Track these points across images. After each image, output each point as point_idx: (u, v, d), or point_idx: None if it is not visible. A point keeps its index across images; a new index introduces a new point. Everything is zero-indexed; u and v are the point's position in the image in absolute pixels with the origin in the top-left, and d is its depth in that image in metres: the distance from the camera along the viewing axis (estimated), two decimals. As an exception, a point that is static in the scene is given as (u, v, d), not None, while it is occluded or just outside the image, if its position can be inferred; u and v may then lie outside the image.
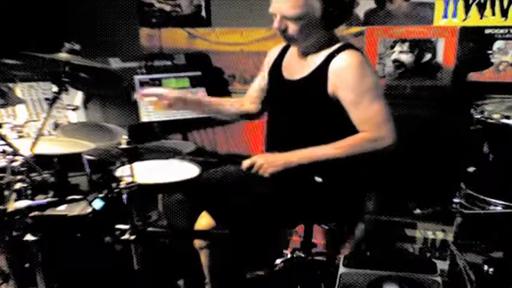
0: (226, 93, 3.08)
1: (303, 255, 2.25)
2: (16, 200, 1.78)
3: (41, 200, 1.88)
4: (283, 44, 2.13)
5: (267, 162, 1.93)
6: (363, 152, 1.90)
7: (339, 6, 1.90)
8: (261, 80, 2.26)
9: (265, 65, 2.24)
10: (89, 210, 1.73)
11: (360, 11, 2.68)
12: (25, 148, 1.96)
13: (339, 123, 1.94)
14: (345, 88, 1.91)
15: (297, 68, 2.05)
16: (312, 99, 1.98)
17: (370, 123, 1.90)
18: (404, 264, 2.00)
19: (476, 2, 2.46)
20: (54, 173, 2.24)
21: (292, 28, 1.90)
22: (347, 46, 1.97)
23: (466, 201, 2.08)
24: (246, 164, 1.96)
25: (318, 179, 2.00)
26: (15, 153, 1.89)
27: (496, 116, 2.01)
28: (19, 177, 1.87)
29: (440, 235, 2.72)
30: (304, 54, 2.03)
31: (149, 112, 2.82)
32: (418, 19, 2.58)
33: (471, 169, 2.14)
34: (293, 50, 2.10)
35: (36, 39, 2.57)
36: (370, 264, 2.00)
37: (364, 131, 1.91)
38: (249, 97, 2.31)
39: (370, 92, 1.91)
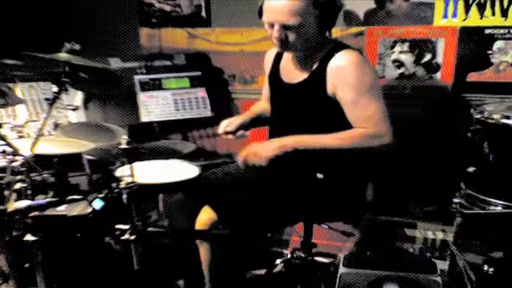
0: (226, 93, 3.08)
1: (303, 255, 2.25)
2: (16, 200, 1.78)
3: (41, 200, 1.88)
4: (276, 48, 2.13)
5: (260, 148, 1.92)
6: (360, 146, 1.89)
7: (332, 11, 1.92)
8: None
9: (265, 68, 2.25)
10: (89, 210, 1.73)
11: (360, 11, 2.68)
12: (25, 148, 1.96)
13: (340, 123, 1.94)
14: (344, 87, 1.91)
15: (295, 71, 2.06)
16: (313, 101, 1.99)
17: (370, 121, 1.90)
18: (404, 264, 2.00)
19: (476, 2, 2.46)
20: (54, 173, 2.23)
21: (292, 36, 1.90)
22: (342, 46, 1.98)
23: (466, 201, 2.08)
24: (241, 156, 1.95)
25: (320, 176, 2.00)
26: (15, 153, 1.89)
27: (496, 116, 2.02)
28: (19, 177, 1.87)
29: (440, 235, 2.72)
30: (300, 58, 2.04)
31: (149, 112, 2.82)
32: (418, 19, 2.58)
33: (471, 169, 2.14)
34: (288, 54, 2.10)
35: (36, 39, 2.57)
36: (370, 264, 2.00)
37: (362, 127, 1.91)
38: (265, 97, 2.32)
39: (370, 90, 1.91)
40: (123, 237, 1.70)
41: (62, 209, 1.86)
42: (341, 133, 1.91)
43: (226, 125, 2.20)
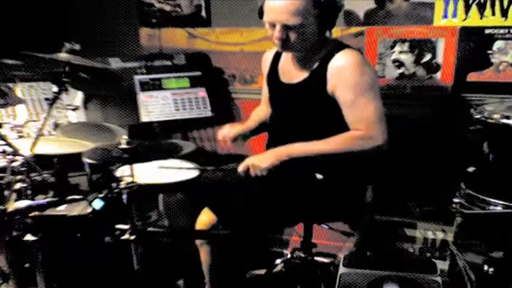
0: (227, 93, 3.08)
1: (303, 255, 2.25)
2: (16, 200, 1.79)
3: (41, 200, 1.88)
4: (274, 49, 2.13)
5: (258, 160, 1.94)
6: (352, 149, 1.91)
7: (332, 10, 1.92)
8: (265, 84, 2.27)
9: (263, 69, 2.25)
10: (89, 210, 1.73)
11: (360, 11, 2.68)
12: (25, 148, 1.97)
13: (340, 123, 1.95)
14: (344, 87, 1.91)
15: (295, 72, 2.06)
16: (313, 100, 1.99)
17: (364, 122, 1.90)
18: (404, 264, 2.00)
19: (476, 2, 2.46)
20: (54, 173, 2.24)
21: (293, 36, 1.90)
22: (342, 45, 1.98)
23: (466, 201, 2.08)
24: (241, 168, 1.97)
25: (319, 176, 2.00)
26: (15, 153, 1.89)
27: (496, 116, 2.01)
28: (19, 177, 1.87)
29: (440, 235, 2.72)
30: (300, 58, 2.04)
31: (149, 112, 2.82)
32: (418, 19, 2.58)
33: (471, 169, 2.14)
34: (287, 55, 2.10)
35: (36, 39, 2.57)
36: (370, 264, 2.00)
37: (357, 129, 1.92)
38: (265, 99, 2.31)
39: (368, 91, 1.91)
40: (123, 237, 1.70)
41: (62, 209, 1.86)
42: (332, 138, 1.92)
43: (226, 133, 2.19)
